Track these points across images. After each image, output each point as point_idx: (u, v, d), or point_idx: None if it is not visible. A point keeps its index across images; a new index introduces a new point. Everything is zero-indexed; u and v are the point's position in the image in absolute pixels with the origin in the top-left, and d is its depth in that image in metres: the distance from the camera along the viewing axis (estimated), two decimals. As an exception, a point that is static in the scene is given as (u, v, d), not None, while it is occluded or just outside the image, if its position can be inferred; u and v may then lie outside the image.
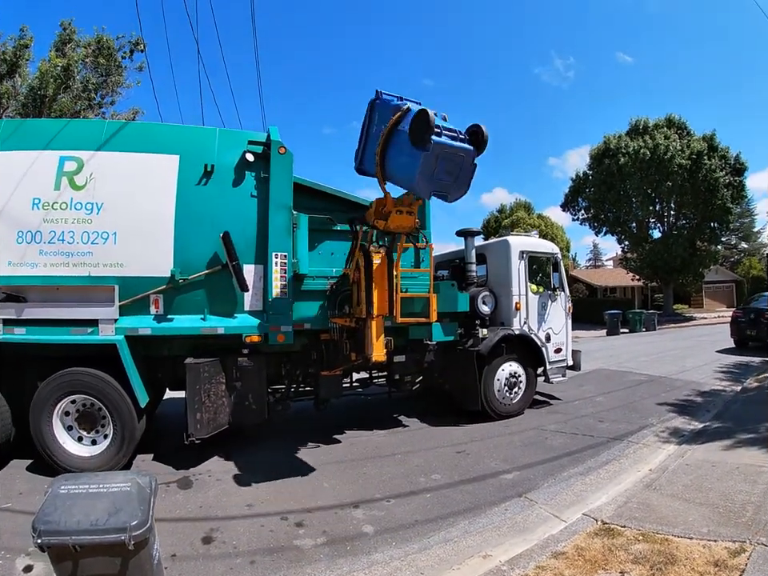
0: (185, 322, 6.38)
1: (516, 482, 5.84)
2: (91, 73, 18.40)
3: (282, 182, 6.76)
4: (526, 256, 9.31)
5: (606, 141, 34.25)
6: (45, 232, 6.03)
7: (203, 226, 6.39)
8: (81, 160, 6.20)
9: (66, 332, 5.97)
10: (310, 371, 7.59)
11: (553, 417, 8.79)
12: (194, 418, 6.17)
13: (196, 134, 6.81)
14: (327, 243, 7.48)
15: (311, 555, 4.30)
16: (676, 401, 9.63)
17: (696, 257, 33.90)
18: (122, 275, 6.12)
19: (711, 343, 19.08)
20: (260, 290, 6.65)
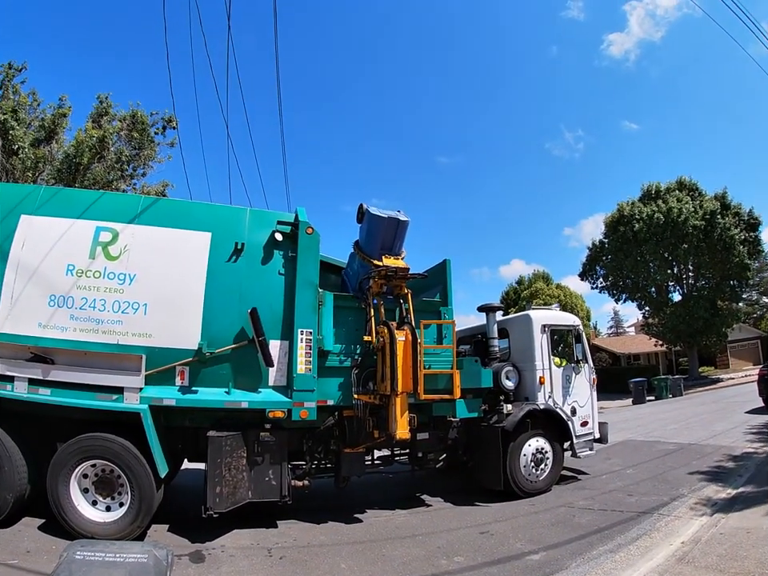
0: (209, 394, 6.46)
1: (543, 563, 5.62)
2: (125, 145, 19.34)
3: (309, 261, 7.03)
4: (548, 329, 9.30)
5: (620, 208, 34.76)
6: (77, 298, 6.24)
7: (231, 302, 6.63)
8: (116, 231, 6.51)
9: (91, 397, 6.06)
10: (332, 448, 7.52)
11: (580, 493, 8.53)
12: (213, 492, 6.13)
13: (228, 212, 7.17)
14: (352, 320, 7.63)
15: None
16: (707, 468, 9.39)
17: (718, 317, 33.47)
18: (150, 345, 6.27)
19: (740, 404, 18.66)
20: (285, 365, 6.77)
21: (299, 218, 7.09)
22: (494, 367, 8.69)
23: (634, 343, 49.15)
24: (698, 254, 32.43)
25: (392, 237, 7.58)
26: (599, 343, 49.57)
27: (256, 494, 6.58)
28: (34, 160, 16.88)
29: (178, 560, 5.54)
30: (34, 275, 6.23)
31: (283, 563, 5.73)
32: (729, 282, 33.44)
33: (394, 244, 7.66)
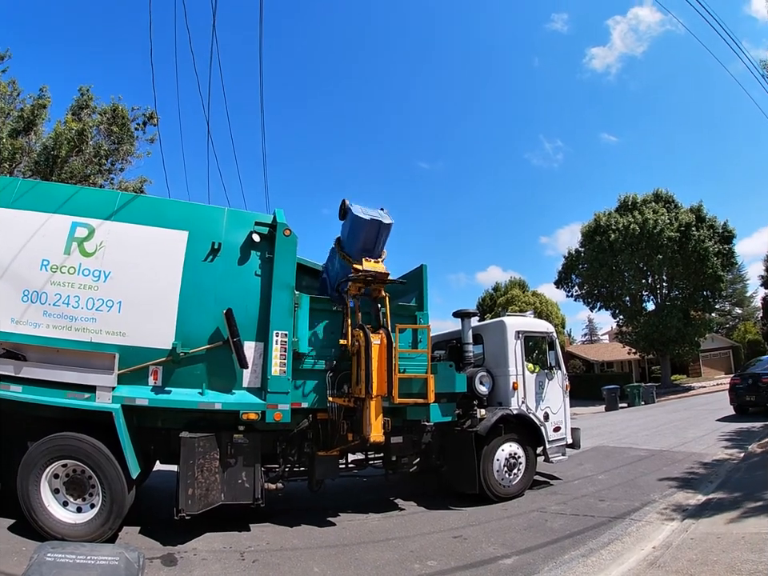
0: (182, 395, 6.38)
1: (515, 567, 5.64)
2: (104, 139, 18.92)
3: (286, 263, 7.03)
4: (522, 336, 9.35)
5: (597, 218, 35.26)
6: (51, 294, 6.12)
7: (207, 302, 6.58)
8: (92, 227, 6.41)
9: (62, 395, 5.95)
10: (306, 451, 7.48)
11: (553, 498, 8.59)
12: (185, 494, 6.05)
13: (205, 212, 7.11)
14: (327, 323, 7.65)
15: None
16: (678, 474, 9.51)
17: (691, 326, 34.05)
18: (124, 344, 6.19)
19: (711, 412, 18.91)
20: (259, 367, 6.73)
21: (277, 220, 7.06)
22: (468, 372, 8.74)
23: (608, 351, 49.74)
24: (672, 265, 33.03)
25: (374, 239, 7.56)
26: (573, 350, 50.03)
27: (229, 496, 6.50)
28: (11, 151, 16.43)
29: (150, 563, 5.46)
30: (8, 269, 6.10)
31: (256, 567, 5.68)
32: (702, 292, 34.13)
33: (376, 246, 7.64)
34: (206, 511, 6.27)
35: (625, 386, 28.29)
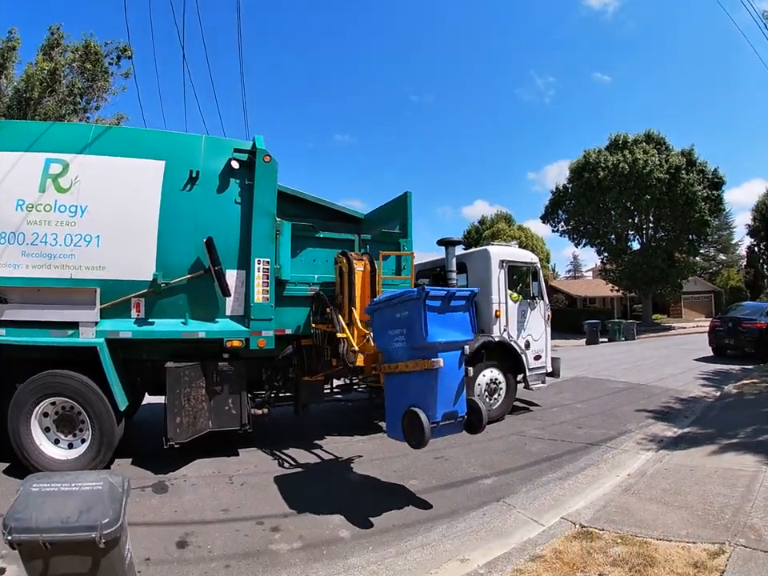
0: (166, 326, 6.35)
1: (494, 486, 5.83)
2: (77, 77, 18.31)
3: (267, 190, 6.83)
4: (505, 265, 9.42)
5: (586, 154, 34.80)
6: (27, 233, 5.98)
7: (187, 231, 6.42)
8: (66, 162, 6.18)
9: (46, 334, 5.91)
10: (291, 376, 7.56)
11: (532, 423, 8.84)
12: (173, 423, 6.11)
13: (182, 140, 6.84)
14: (309, 250, 7.53)
15: (287, 559, 4.25)
16: (655, 408, 9.72)
17: (674, 268, 34.41)
18: (104, 278, 6.10)
19: (690, 352, 19.26)
20: (242, 295, 6.67)
21: (257, 146, 6.82)
22: None
23: (591, 287, 50.28)
24: (659, 206, 33.05)
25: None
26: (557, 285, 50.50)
27: (216, 423, 6.60)
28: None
29: (142, 491, 5.62)
30: None
31: (244, 489, 5.83)
32: (688, 235, 34.33)
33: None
34: (195, 439, 6.36)
35: (606, 322, 28.74)
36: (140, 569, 3.82)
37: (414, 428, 4.94)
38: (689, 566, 3.72)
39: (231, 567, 4.09)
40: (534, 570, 3.87)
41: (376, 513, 5.15)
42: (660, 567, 3.74)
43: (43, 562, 2.48)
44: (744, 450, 6.33)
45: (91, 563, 2.54)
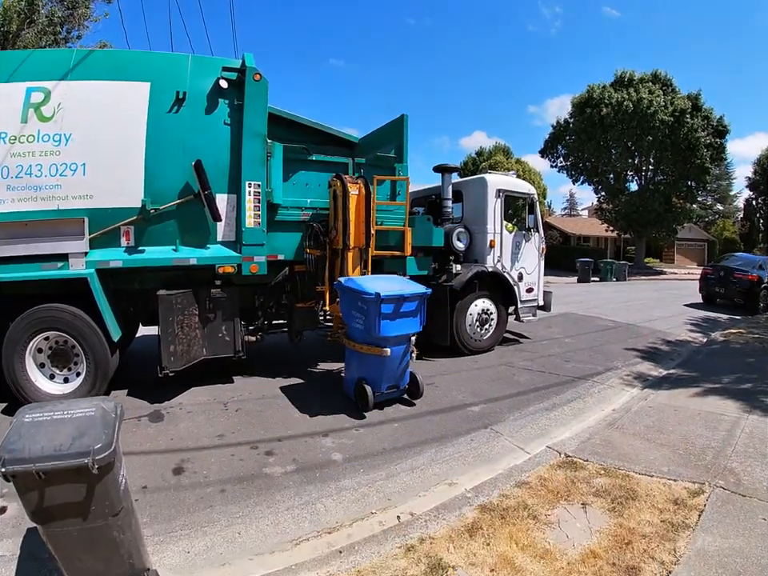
0: (156, 253, 6.24)
1: (483, 414, 5.97)
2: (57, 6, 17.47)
3: (257, 110, 6.57)
4: (502, 194, 9.30)
5: (590, 90, 33.90)
6: (12, 166, 5.76)
7: (175, 155, 6.20)
8: (48, 90, 5.89)
9: (36, 268, 5.76)
10: (284, 303, 7.56)
11: (521, 354, 8.98)
12: (167, 351, 6.11)
13: (167, 60, 6.48)
14: (302, 174, 7.34)
15: (280, 482, 4.36)
16: (642, 347, 9.85)
17: (671, 213, 34.30)
18: (92, 207, 5.93)
19: (679, 297, 19.37)
20: (233, 220, 6.54)
21: (246, 64, 6.50)
22: (446, 228, 8.77)
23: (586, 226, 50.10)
24: (661, 149, 32.57)
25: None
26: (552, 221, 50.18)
27: (210, 350, 6.62)
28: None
29: (138, 421, 5.67)
30: None
31: (239, 415, 5.92)
32: (687, 181, 34.07)
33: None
34: (190, 367, 6.39)
35: (599, 261, 28.87)
36: (137, 496, 3.89)
37: (362, 397, 5.96)
38: (669, 502, 3.84)
39: (227, 491, 4.19)
40: (519, 495, 3.99)
41: (367, 437, 5.28)
42: (641, 501, 3.86)
43: (38, 493, 2.46)
44: (727, 395, 6.43)
45: (86, 490, 2.53)
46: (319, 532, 3.64)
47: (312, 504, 4.01)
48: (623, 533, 3.44)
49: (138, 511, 3.16)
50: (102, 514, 2.61)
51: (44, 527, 2.56)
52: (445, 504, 3.92)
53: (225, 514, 3.85)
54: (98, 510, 2.59)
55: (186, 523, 3.73)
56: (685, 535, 3.39)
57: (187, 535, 3.59)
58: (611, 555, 3.20)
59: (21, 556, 3.29)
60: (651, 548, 3.26)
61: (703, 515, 3.62)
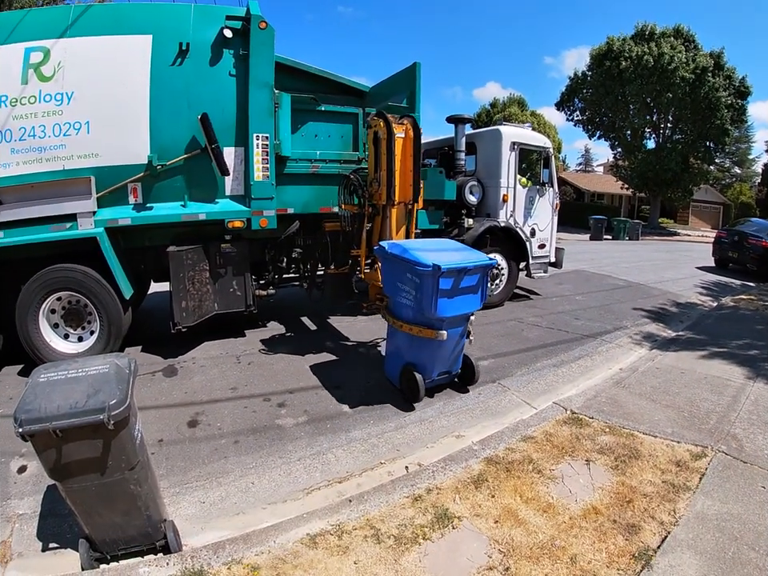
0: (165, 209, 6.20)
1: (491, 368, 6.03)
2: None
3: (263, 59, 6.38)
4: (517, 147, 9.08)
5: (609, 42, 32.59)
6: (15, 129, 5.66)
7: (180, 109, 6.09)
8: (47, 49, 5.73)
9: (45, 230, 5.74)
10: (294, 257, 7.54)
11: (530, 311, 9.00)
12: (179, 306, 6.18)
13: (169, 11, 6.27)
14: (311, 125, 7.25)
15: (292, 433, 4.48)
16: (651, 308, 9.80)
17: (687, 173, 33.55)
18: (98, 165, 5.86)
19: (692, 260, 19.15)
20: (241, 173, 6.46)
21: (251, 12, 6.28)
22: (458, 181, 8.64)
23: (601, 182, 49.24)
24: (680, 107, 31.45)
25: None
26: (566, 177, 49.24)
27: (222, 305, 6.67)
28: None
29: (152, 376, 5.79)
30: None
31: (251, 368, 6.04)
32: (705, 142, 32.99)
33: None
34: (202, 322, 6.46)
35: (612, 219, 28.43)
36: (153, 450, 4.02)
37: (411, 387, 5.05)
38: (671, 463, 3.90)
39: (240, 443, 4.31)
40: (525, 449, 4.07)
41: (377, 389, 5.38)
42: (644, 461, 3.93)
43: (56, 451, 2.52)
44: (734, 361, 6.42)
45: (102, 446, 2.59)
46: (330, 481, 3.76)
47: (323, 454, 4.12)
48: (625, 491, 3.53)
49: (155, 464, 3.27)
50: (119, 469, 2.68)
51: (62, 484, 2.65)
52: (452, 456, 4.02)
53: (238, 465, 3.98)
54: (115, 465, 2.66)
55: (201, 474, 3.86)
56: (685, 497, 3.46)
57: (202, 486, 3.72)
58: (612, 512, 3.29)
59: (41, 513, 3.42)
60: (651, 507, 3.34)
61: (704, 479, 3.68)
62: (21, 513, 3.42)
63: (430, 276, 4.55)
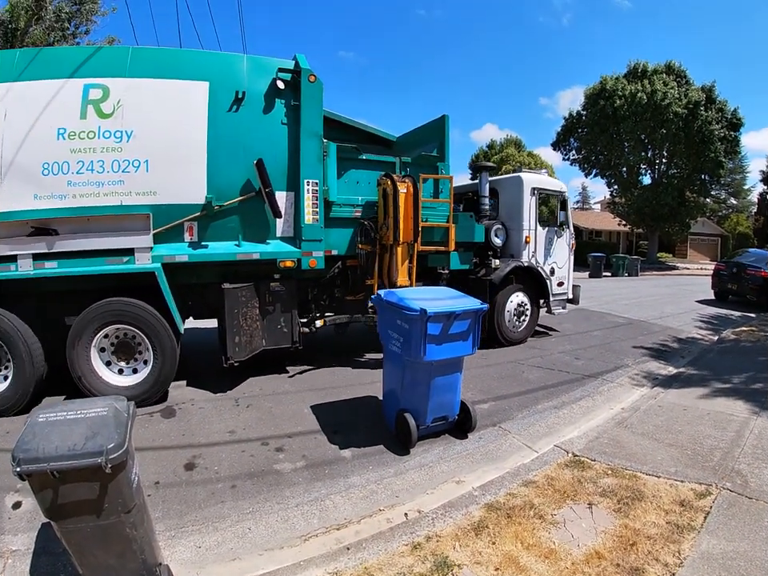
0: (221, 248, 6.48)
1: (491, 411, 5.99)
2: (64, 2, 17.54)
3: (313, 110, 6.88)
4: (537, 192, 9.67)
5: (603, 81, 33.50)
6: (72, 162, 5.86)
7: (236, 153, 6.44)
8: (107, 87, 6.01)
9: (100, 262, 5.88)
10: (336, 296, 7.87)
11: (530, 352, 8.98)
12: (232, 342, 6.36)
13: (224, 60, 6.70)
14: (353, 172, 7.68)
15: (290, 479, 4.41)
16: (652, 345, 9.79)
17: (684, 207, 33.97)
18: (156, 203, 6.09)
19: (692, 293, 19.19)
20: (291, 216, 6.86)
21: (301, 66, 6.79)
22: (484, 224, 9.05)
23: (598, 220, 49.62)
24: (674, 142, 32.09)
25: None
26: (564, 215, 49.73)
27: (270, 341, 6.89)
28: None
29: (150, 417, 5.78)
30: (22, 146, 5.76)
31: (249, 411, 6.03)
32: (700, 175, 33.61)
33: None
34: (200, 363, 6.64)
35: (611, 256, 28.63)
36: (150, 492, 4.00)
37: (404, 432, 4.99)
38: (675, 503, 3.84)
39: (237, 487, 4.25)
40: (526, 494, 4.01)
41: (376, 433, 5.32)
42: (647, 502, 3.87)
43: (53, 491, 2.51)
44: (737, 395, 6.37)
45: (99, 488, 2.57)
46: (328, 528, 3.69)
47: (321, 500, 4.06)
48: (628, 534, 3.46)
49: (151, 506, 3.23)
50: (115, 511, 2.66)
51: (58, 523, 2.62)
52: (452, 502, 3.96)
53: (235, 510, 3.91)
54: (112, 508, 2.64)
55: (198, 518, 3.80)
56: (690, 537, 3.40)
57: (198, 530, 3.65)
58: (615, 556, 3.22)
59: (35, 551, 3.36)
60: (656, 550, 3.28)
61: (709, 517, 3.62)
62: (14, 549, 3.37)
63: (417, 320, 4.59)
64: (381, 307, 5.36)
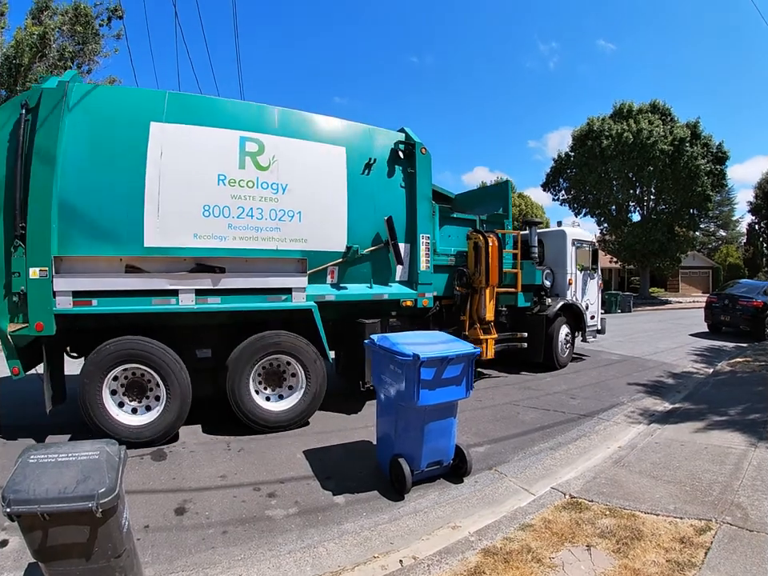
0: (357, 289, 7.52)
1: (487, 455, 5.92)
2: (68, 41, 18.01)
3: (425, 177, 8.19)
4: (576, 243, 11.61)
5: (590, 122, 34.32)
6: (233, 207, 6.47)
7: (368, 210, 7.53)
8: (261, 142, 6.69)
9: (262, 299, 6.46)
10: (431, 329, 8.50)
11: (525, 392, 8.95)
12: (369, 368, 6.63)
13: (356, 129, 7.74)
14: (446, 227, 9.21)
15: (283, 525, 4.32)
16: (647, 381, 9.84)
17: (674, 242, 34.30)
18: (306, 249, 6.92)
19: (685, 327, 19.25)
20: (407, 263, 8.03)
21: (414, 139, 8.06)
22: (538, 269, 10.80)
23: (590, 257, 49.93)
24: (662, 179, 32.70)
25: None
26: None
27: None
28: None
29: (140, 459, 5.69)
30: (183, 187, 6.24)
31: (241, 455, 5.93)
32: (689, 210, 34.05)
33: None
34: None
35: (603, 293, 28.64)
36: (139, 536, 3.91)
37: (398, 477, 4.92)
38: (675, 541, 3.78)
39: (228, 533, 4.16)
40: (523, 538, 3.93)
41: (370, 478, 5.24)
42: (647, 541, 3.81)
43: (42, 533, 2.50)
44: (734, 428, 6.36)
45: (89, 532, 2.56)
46: (321, 576, 3.61)
47: (314, 547, 3.97)
48: (628, 574, 3.40)
49: (140, 551, 3.17)
50: (105, 556, 2.64)
51: (46, 565, 2.60)
52: (448, 548, 3.87)
53: (226, 556, 3.83)
54: (101, 552, 2.62)
55: (188, 564, 3.71)
56: (691, 574, 3.34)
57: (188, 576, 3.58)
58: (615, 599, 3.16)
59: None
60: (656, 590, 3.22)
61: (710, 553, 3.56)
62: (0, 588, 3.28)
63: (410, 366, 4.55)
64: (374, 352, 5.30)
